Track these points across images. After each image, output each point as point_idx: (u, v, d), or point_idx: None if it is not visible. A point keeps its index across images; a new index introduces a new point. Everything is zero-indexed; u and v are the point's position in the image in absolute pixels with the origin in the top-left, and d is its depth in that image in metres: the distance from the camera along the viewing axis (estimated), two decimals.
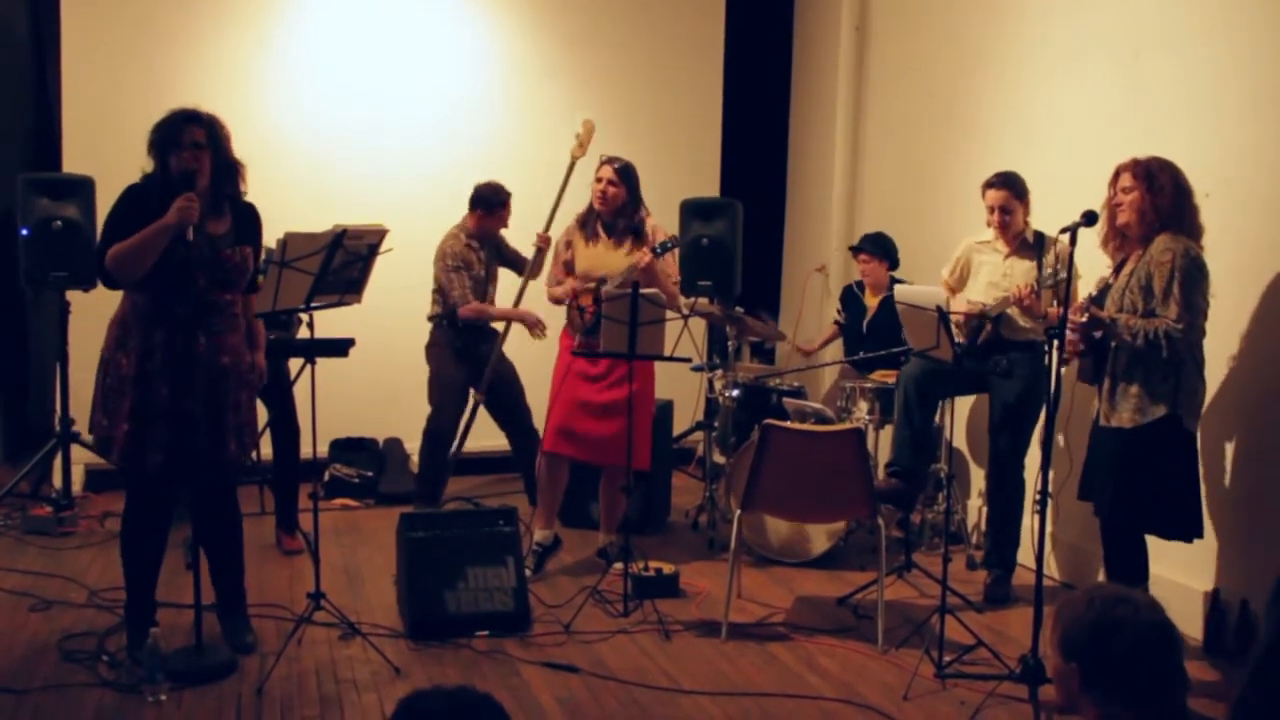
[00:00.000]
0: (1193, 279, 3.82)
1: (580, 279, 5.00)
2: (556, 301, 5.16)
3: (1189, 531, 3.95)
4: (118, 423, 3.73)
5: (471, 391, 5.70)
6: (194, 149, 3.71)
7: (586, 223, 5.05)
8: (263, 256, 4.93)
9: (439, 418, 5.67)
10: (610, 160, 4.99)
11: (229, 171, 3.85)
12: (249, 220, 3.96)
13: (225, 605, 4.09)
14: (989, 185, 4.76)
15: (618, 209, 4.97)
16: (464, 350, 5.64)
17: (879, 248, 6.04)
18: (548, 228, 5.54)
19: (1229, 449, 4.29)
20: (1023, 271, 4.67)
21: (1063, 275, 3.87)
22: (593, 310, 4.90)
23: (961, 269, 5.00)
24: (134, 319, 3.76)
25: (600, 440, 4.93)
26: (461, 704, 1.72)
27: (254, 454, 5.75)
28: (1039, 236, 4.71)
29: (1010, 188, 4.72)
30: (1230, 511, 4.26)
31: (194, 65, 6.39)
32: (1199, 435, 4.00)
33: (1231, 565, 4.26)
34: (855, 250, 6.17)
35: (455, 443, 5.79)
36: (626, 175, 4.98)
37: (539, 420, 5.50)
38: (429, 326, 5.79)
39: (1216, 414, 4.26)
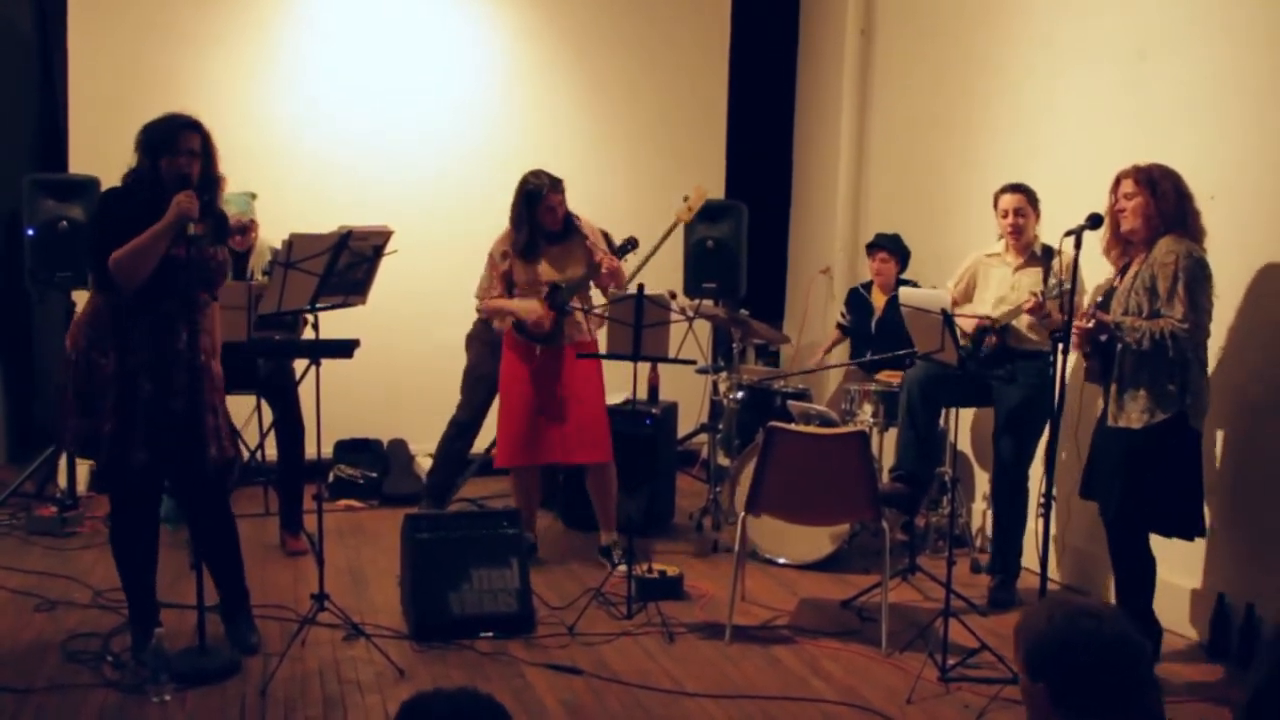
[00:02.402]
0: (1196, 280, 3.84)
1: (524, 287, 5.00)
2: (492, 314, 5.15)
3: (1191, 530, 3.96)
4: (100, 423, 3.72)
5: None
6: (189, 156, 3.73)
7: (531, 248, 4.98)
8: (268, 260, 4.96)
9: (467, 409, 5.68)
10: (555, 185, 4.94)
11: (213, 184, 3.86)
12: (222, 225, 4.00)
13: (228, 606, 4.10)
14: (1004, 190, 4.77)
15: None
16: (500, 346, 5.66)
17: (898, 246, 6.04)
18: (631, 278, 5.31)
19: (1234, 450, 4.29)
20: (1030, 283, 4.67)
21: (1068, 285, 3.87)
22: (553, 319, 4.91)
23: (967, 282, 4.98)
24: (110, 317, 3.74)
25: (560, 437, 4.98)
26: (464, 706, 1.72)
27: (259, 454, 5.77)
28: (1046, 249, 4.72)
29: (1025, 193, 4.74)
30: (1235, 513, 4.25)
31: (199, 67, 6.40)
32: (1203, 436, 4.01)
33: (1236, 567, 4.25)
34: (875, 248, 6.13)
35: (480, 444, 5.78)
36: (563, 190, 4.99)
37: None
38: (438, 326, 5.80)
39: (1221, 416, 4.25)
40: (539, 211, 4.93)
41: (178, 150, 3.72)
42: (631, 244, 4.97)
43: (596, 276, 4.97)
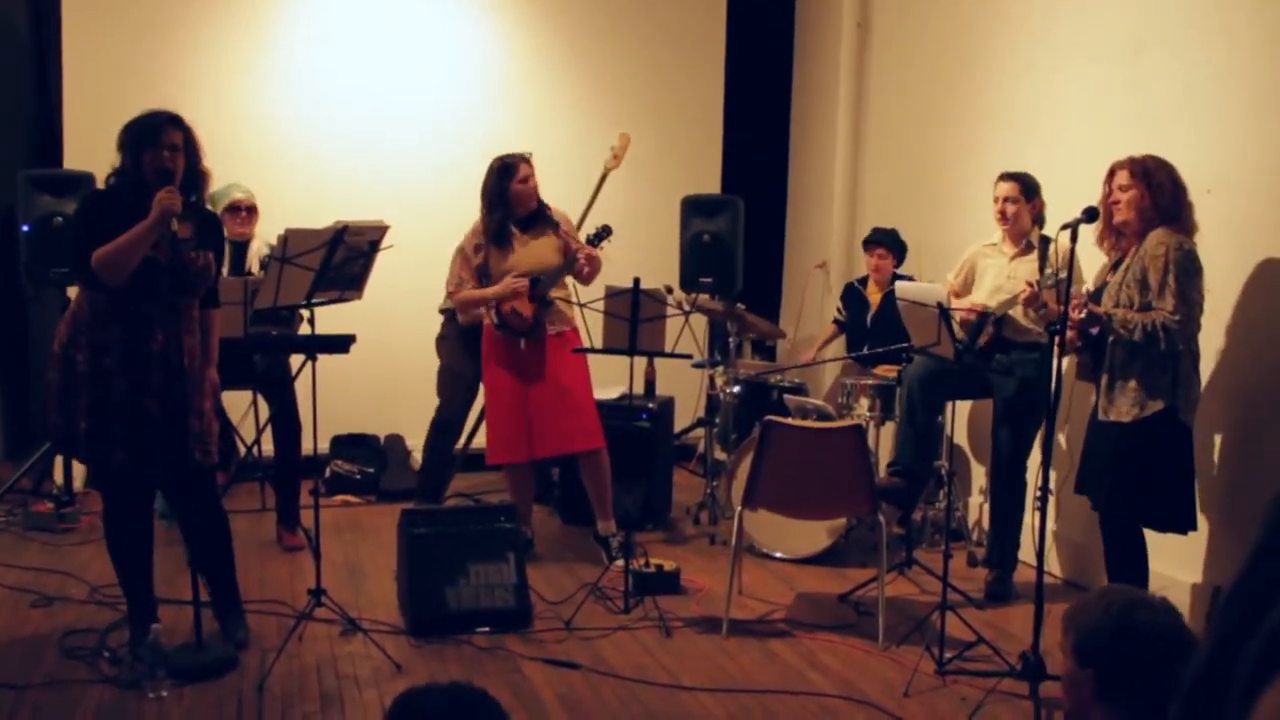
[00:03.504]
0: (1187, 272, 3.83)
1: (500, 277, 4.96)
2: (466, 306, 5.10)
3: (1183, 524, 3.96)
4: (76, 420, 3.70)
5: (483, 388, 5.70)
6: (171, 150, 3.71)
7: (501, 232, 4.96)
8: (265, 255, 4.95)
9: (446, 409, 5.67)
10: (525, 158, 4.95)
11: (197, 179, 3.83)
12: (212, 227, 3.95)
13: (218, 602, 4.09)
14: (1001, 177, 4.78)
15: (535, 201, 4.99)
16: (474, 343, 5.63)
17: (895, 243, 6.03)
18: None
19: (1230, 444, 4.29)
20: (1026, 274, 4.66)
21: (1063, 275, 3.88)
22: (534, 311, 4.90)
23: (966, 274, 4.98)
24: (89, 316, 3.72)
25: (551, 428, 4.96)
26: (458, 699, 1.73)
27: (255, 450, 5.77)
28: (1043, 239, 4.72)
29: (1020, 183, 4.73)
30: (1232, 507, 4.26)
31: (195, 63, 6.38)
32: (1198, 429, 4.01)
33: (1233, 560, 4.24)
34: (872, 244, 6.12)
35: (462, 439, 5.78)
36: (533, 164, 4.98)
37: None
38: (434, 322, 5.79)
39: (1217, 409, 4.26)
40: (512, 186, 4.91)
41: (160, 145, 3.69)
42: (605, 231, 4.96)
43: (574, 267, 4.95)
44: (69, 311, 3.81)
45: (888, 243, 6.03)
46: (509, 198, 4.92)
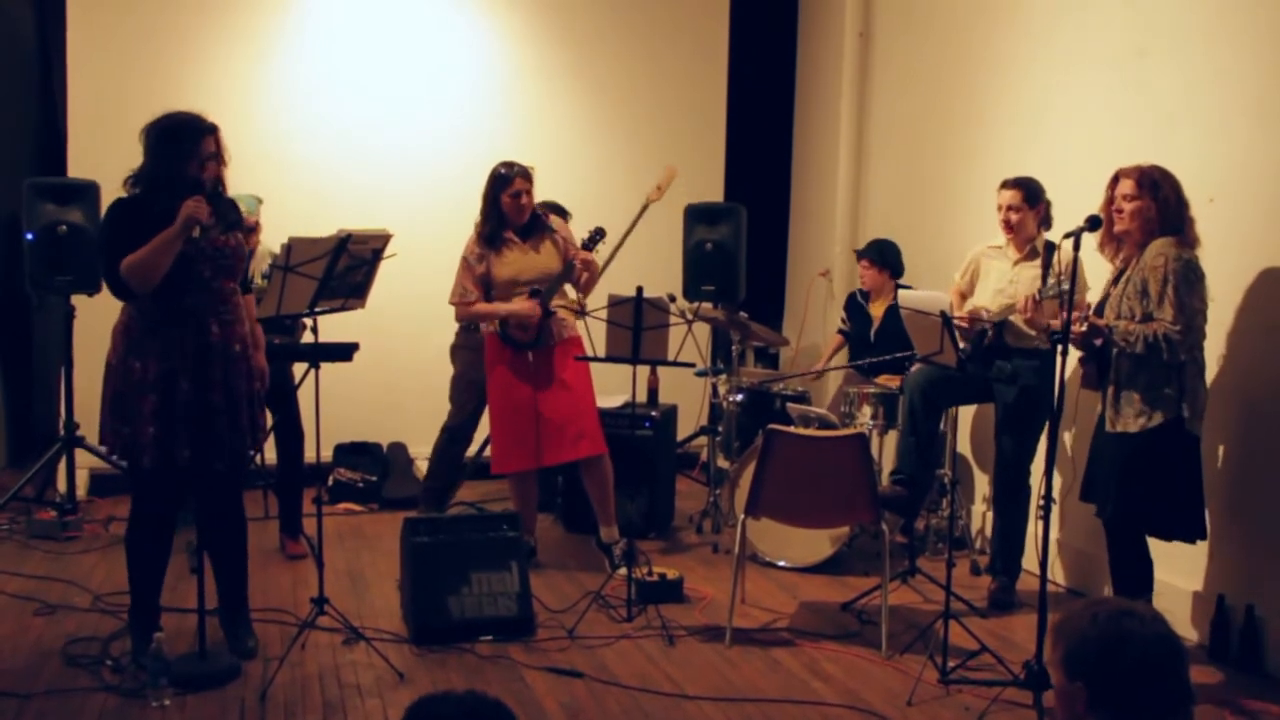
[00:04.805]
0: (1187, 281, 3.84)
1: (504, 286, 4.99)
2: (475, 319, 5.14)
3: (1192, 533, 3.96)
4: (142, 426, 3.72)
5: None
6: (209, 160, 3.76)
7: (495, 237, 5.01)
8: (268, 265, 4.95)
9: (458, 416, 5.68)
10: (524, 172, 5.00)
11: (218, 185, 3.88)
12: (231, 209, 3.97)
13: (228, 609, 4.09)
14: (1003, 185, 4.78)
15: (530, 214, 5.03)
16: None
17: (880, 257, 6.02)
18: (604, 266, 5.42)
19: (1233, 453, 4.28)
20: (1029, 279, 4.65)
21: (1065, 286, 3.87)
22: (538, 321, 4.93)
23: (972, 274, 4.99)
24: (143, 323, 3.75)
25: (553, 436, 4.97)
26: (472, 709, 1.72)
27: (258, 458, 5.76)
28: (1049, 245, 4.71)
29: (1022, 189, 4.72)
30: (1235, 515, 4.25)
31: (199, 71, 6.40)
32: (1202, 439, 4.01)
33: (1235, 569, 4.25)
34: (859, 255, 6.17)
35: (473, 448, 5.78)
36: (532, 180, 5.03)
37: None
38: (436, 329, 5.79)
39: (1220, 418, 4.25)
40: (502, 198, 4.95)
41: (202, 156, 3.74)
42: (599, 234, 4.99)
43: (572, 274, 4.97)
44: (119, 324, 3.83)
45: (870, 255, 6.04)
46: (499, 208, 4.96)
